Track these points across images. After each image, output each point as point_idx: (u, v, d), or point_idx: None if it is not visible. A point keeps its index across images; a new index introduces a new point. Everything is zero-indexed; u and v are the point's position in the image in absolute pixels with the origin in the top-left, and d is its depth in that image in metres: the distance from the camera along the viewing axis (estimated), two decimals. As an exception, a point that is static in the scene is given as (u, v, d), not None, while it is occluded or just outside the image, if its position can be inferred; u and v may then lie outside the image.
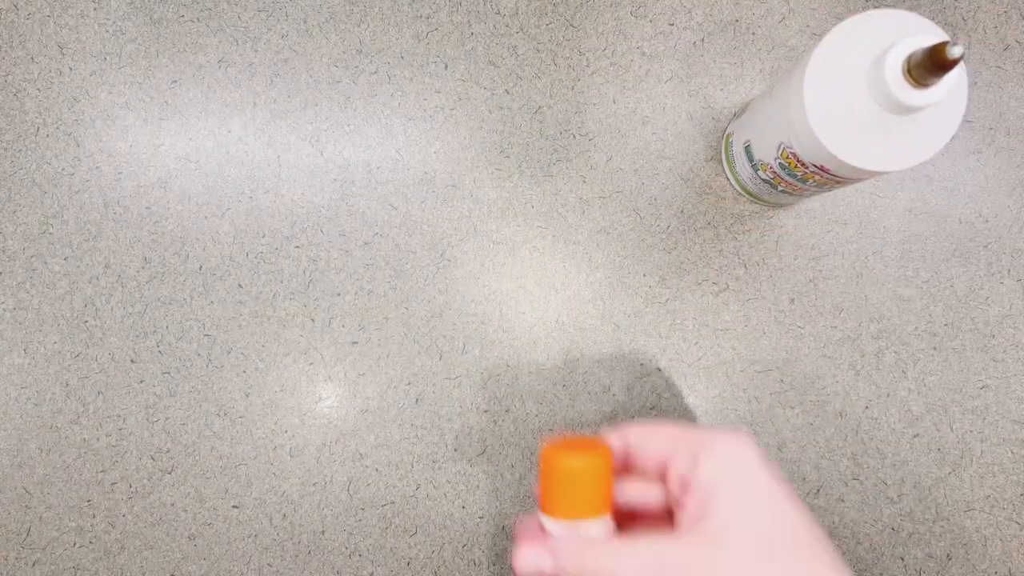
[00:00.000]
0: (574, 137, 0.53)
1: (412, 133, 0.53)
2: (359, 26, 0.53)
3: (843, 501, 0.53)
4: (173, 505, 0.53)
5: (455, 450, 0.53)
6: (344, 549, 0.53)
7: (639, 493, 0.32)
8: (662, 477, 0.31)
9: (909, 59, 0.33)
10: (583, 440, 0.33)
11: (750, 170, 0.47)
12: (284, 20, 0.53)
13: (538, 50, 0.53)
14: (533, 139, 0.53)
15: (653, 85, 0.53)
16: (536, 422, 0.53)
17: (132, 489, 0.53)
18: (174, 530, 0.53)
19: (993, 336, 0.53)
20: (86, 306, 0.53)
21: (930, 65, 0.32)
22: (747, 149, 0.46)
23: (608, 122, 0.53)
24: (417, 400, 0.53)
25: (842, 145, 0.37)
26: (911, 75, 0.33)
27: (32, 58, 0.53)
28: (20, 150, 0.53)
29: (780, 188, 0.46)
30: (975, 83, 0.53)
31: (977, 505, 0.53)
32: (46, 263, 0.53)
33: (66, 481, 0.53)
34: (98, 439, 0.53)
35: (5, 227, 0.53)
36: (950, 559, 0.53)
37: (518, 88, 0.53)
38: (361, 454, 0.53)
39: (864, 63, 0.36)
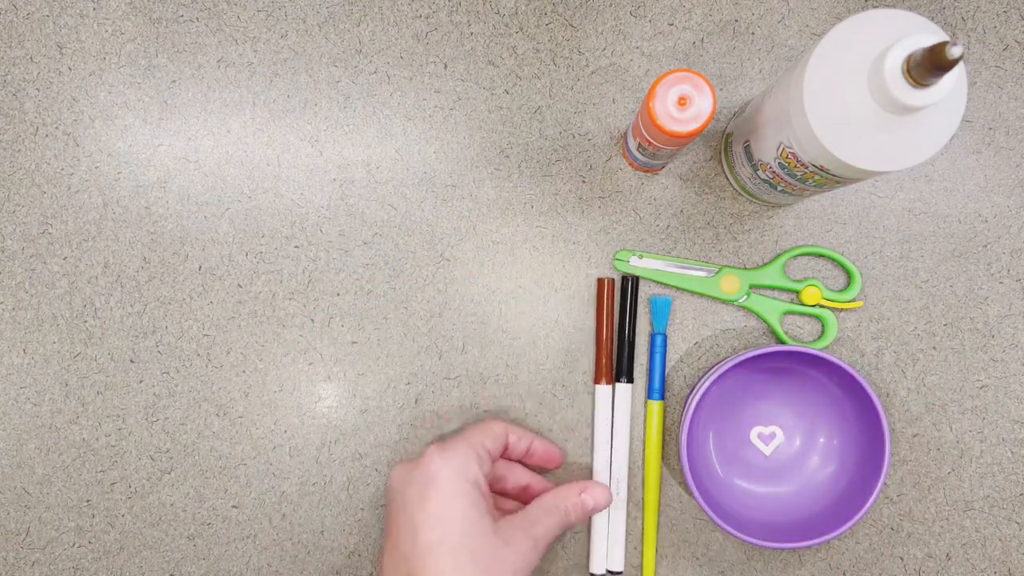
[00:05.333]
0: (574, 137, 0.53)
1: (411, 133, 0.53)
2: (359, 26, 0.53)
3: (843, 501, 0.53)
4: (172, 505, 0.53)
5: (455, 450, 0.53)
6: (344, 549, 0.53)
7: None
8: None
9: (909, 59, 0.33)
10: None
11: (749, 170, 0.47)
12: (284, 20, 0.53)
13: (538, 50, 0.53)
14: (533, 139, 0.53)
15: (653, 85, 0.53)
16: (536, 422, 0.53)
17: (131, 489, 0.53)
18: (173, 530, 0.53)
19: (992, 336, 0.53)
20: (85, 306, 0.53)
21: (930, 65, 0.32)
22: (746, 149, 0.46)
23: (608, 122, 0.53)
24: (416, 400, 0.53)
25: (842, 145, 0.37)
26: (911, 75, 0.33)
27: (31, 58, 0.53)
28: (19, 150, 0.53)
29: (779, 188, 0.46)
30: (975, 83, 0.53)
31: (977, 505, 0.53)
32: (45, 263, 0.53)
33: (65, 481, 0.53)
34: (97, 439, 0.53)
35: (4, 227, 0.53)
36: (950, 559, 0.53)
37: (518, 88, 0.53)
38: (360, 454, 0.53)
39: (864, 63, 0.36)
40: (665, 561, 0.53)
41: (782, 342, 0.52)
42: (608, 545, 0.53)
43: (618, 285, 0.53)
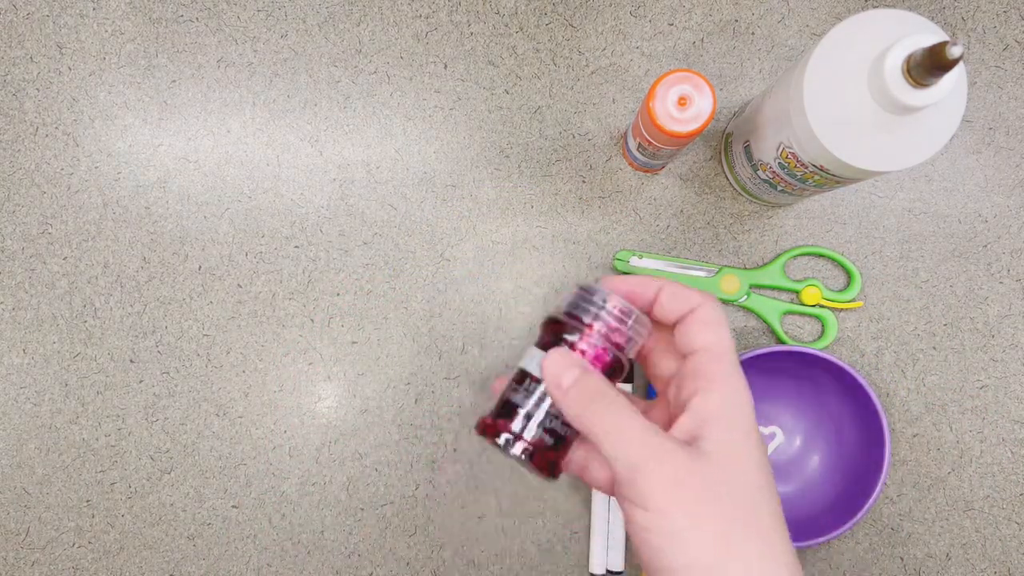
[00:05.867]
0: (574, 137, 0.53)
1: (411, 133, 0.53)
2: (359, 26, 0.53)
3: (843, 501, 0.53)
4: (172, 505, 0.53)
5: (455, 450, 0.53)
6: (343, 549, 0.53)
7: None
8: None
9: (909, 59, 0.33)
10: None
11: (749, 170, 0.47)
12: (284, 20, 0.53)
13: (538, 50, 0.53)
14: (533, 139, 0.53)
15: (653, 85, 0.53)
16: (536, 422, 0.53)
17: (131, 489, 0.53)
18: (173, 530, 0.53)
19: (992, 336, 0.53)
20: (85, 306, 0.53)
21: (930, 65, 0.32)
22: (746, 149, 0.46)
23: (608, 122, 0.53)
24: (416, 400, 0.53)
25: (842, 145, 0.37)
26: (911, 75, 0.33)
27: (31, 58, 0.53)
28: (19, 150, 0.53)
29: (779, 188, 0.46)
30: (975, 83, 0.53)
31: (976, 505, 0.53)
32: (45, 263, 0.53)
33: (65, 481, 0.53)
34: (97, 439, 0.53)
35: (5, 227, 0.53)
36: (950, 559, 0.53)
37: (517, 88, 0.53)
38: (360, 454, 0.53)
39: (864, 63, 0.36)
40: (665, 561, 0.53)
41: (782, 342, 0.52)
42: (608, 545, 0.53)
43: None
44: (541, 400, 0.32)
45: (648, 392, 0.53)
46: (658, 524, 0.29)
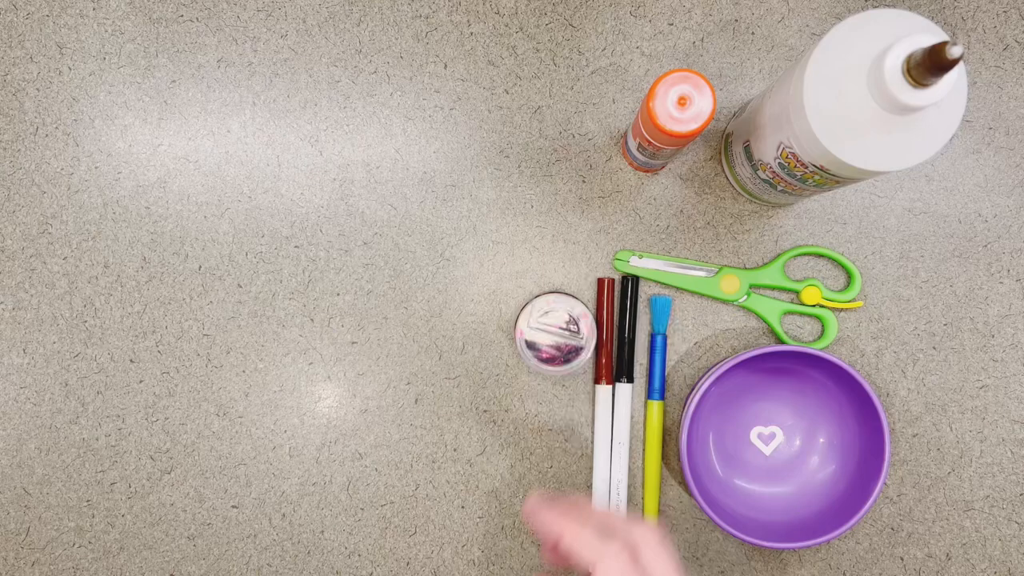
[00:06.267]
0: (574, 137, 0.53)
1: (411, 133, 0.53)
2: (358, 26, 0.53)
3: (843, 501, 0.53)
4: (172, 505, 0.53)
5: (455, 450, 0.53)
6: (343, 549, 0.53)
7: None
8: None
9: (909, 59, 0.33)
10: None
11: (749, 170, 0.47)
12: (283, 20, 0.53)
13: (537, 50, 0.53)
14: (533, 139, 0.53)
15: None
16: (535, 422, 0.53)
17: (131, 489, 0.53)
18: (173, 530, 0.53)
19: (992, 336, 0.53)
20: (85, 306, 0.53)
21: (930, 65, 0.32)
22: (746, 149, 0.46)
23: (608, 122, 0.53)
24: (416, 400, 0.53)
25: (842, 145, 0.37)
26: (911, 75, 0.33)
27: (31, 58, 0.53)
28: (19, 150, 0.53)
29: (779, 188, 0.46)
30: (975, 83, 0.53)
31: (976, 505, 0.53)
32: (45, 263, 0.53)
33: (65, 481, 0.53)
34: (97, 439, 0.53)
35: (5, 227, 0.53)
36: (950, 559, 0.53)
37: (517, 88, 0.53)
38: (360, 454, 0.53)
39: (864, 63, 0.36)
40: (665, 561, 0.53)
41: (782, 342, 0.52)
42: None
43: (618, 285, 0.53)
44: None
45: (648, 391, 0.53)
46: None
